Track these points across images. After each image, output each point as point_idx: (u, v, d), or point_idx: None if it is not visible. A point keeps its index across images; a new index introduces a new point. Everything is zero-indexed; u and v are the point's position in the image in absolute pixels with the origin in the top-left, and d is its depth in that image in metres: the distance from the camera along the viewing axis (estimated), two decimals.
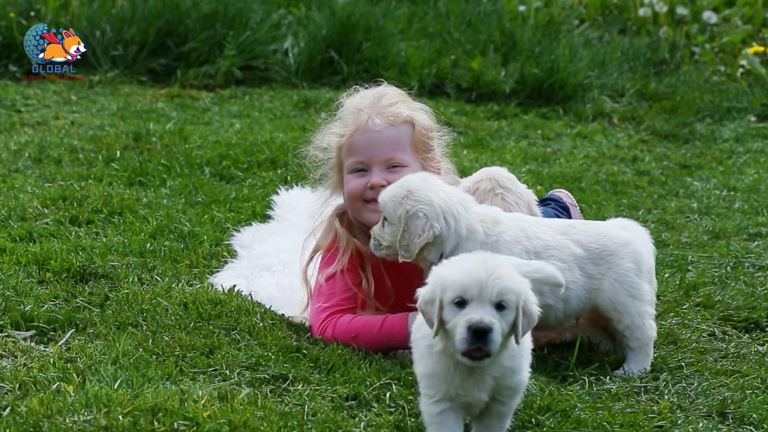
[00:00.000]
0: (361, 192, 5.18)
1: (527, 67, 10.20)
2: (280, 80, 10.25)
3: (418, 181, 4.90)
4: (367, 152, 5.20)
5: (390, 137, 5.21)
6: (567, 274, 4.81)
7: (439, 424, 3.99)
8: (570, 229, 4.94)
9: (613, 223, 5.06)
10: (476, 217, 4.86)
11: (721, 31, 11.65)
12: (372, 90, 5.38)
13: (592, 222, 5.08)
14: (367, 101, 5.29)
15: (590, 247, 4.90)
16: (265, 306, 5.25)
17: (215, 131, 8.43)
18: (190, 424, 4.04)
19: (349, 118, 5.26)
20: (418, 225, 4.80)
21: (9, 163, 7.35)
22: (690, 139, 9.35)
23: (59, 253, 5.61)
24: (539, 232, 4.89)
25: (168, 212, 6.44)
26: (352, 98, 5.36)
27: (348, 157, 5.22)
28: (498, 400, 4.01)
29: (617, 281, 4.87)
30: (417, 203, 4.83)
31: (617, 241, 4.92)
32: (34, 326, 4.85)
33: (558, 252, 4.86)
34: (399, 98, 5.34)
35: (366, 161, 5.20)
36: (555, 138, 9.19)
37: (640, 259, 4.92)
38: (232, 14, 10.38)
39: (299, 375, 4.56)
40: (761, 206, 7.43)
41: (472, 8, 11.49)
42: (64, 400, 4.12)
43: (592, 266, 4.89)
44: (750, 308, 5.56)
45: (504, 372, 3.97)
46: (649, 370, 4.88)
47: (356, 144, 5.20)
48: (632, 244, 4.93)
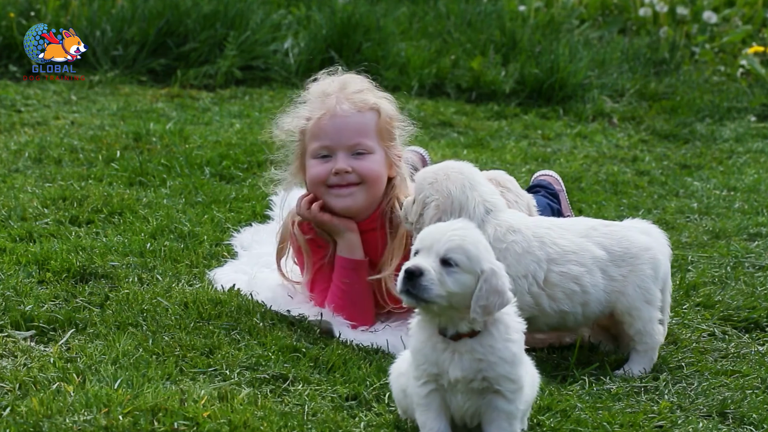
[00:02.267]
0: (325, 177, 5.21)
1: (527, 67, 10.20)
2: (281, 80, 10.25)
3: (455, 171, 4.91)
4: (333, 137, 5.21)
5: (357, 123, 5.24)
6: (587, 278, 4.83)
7: (426, 406, 4.04)
8: (592, 232, 4.93)
9: (633, 225, 5.04)
10: (495, 222, 4.85)
11: (721, 31, 11.65)
12: (338, 77, 5.40)
13: (613, 223, 5.04)
14: (334, 87, 5.31)
15: (612, 250, 4.89)
16: (266, 304, 5.25)
17: (215, 131, 8.43)
18: (190, 424, 4.04)
19: (316, 103, 5.27)
20: (429, 214, 4.83)
21: (9, 163, 7.35)
22: (690, 139, 9.35)
23: (59, 253, 5.61)
24: (557, 238, 4.88)
25: (168, 212, 6.44)
26: (318, 83, 5.38)
27: (313, 141, 5.24)
28: (499, 392, 4.01)
29: (639, 287, 4.87)
30: (437, 193, 4.85)
31: (639, 245, 4.91)
32: (34, 326, 4.85)
33: (577, 256, 4.85)
34: (365, 86, 5.38)
35: (332, 146, 5.22)
36: (555, 138, 9.19)
37: (658, 266, 4.93)
38: (232, 14, 10.38)
39: (299, 375, 4.56)
40: (761, 206, 7.43)
41: (472, 8, 11.49)
42: (64, 400, 4.12)
43: (615, 268, 4.88)
44: (750, 308, 5.56)
45: (486, 352, 3.97)
46: (649, 370, 4.88)
47: (323, 128, 5.22)
48: (652, 250, 4.93)
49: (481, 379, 3.98)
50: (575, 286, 4.83)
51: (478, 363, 3.98)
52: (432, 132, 9.18)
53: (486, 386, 4.00)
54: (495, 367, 3.98)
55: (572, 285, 4.83)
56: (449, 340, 4.00)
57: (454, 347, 4.00)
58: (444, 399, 4.05)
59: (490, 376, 3.98)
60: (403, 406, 4.26)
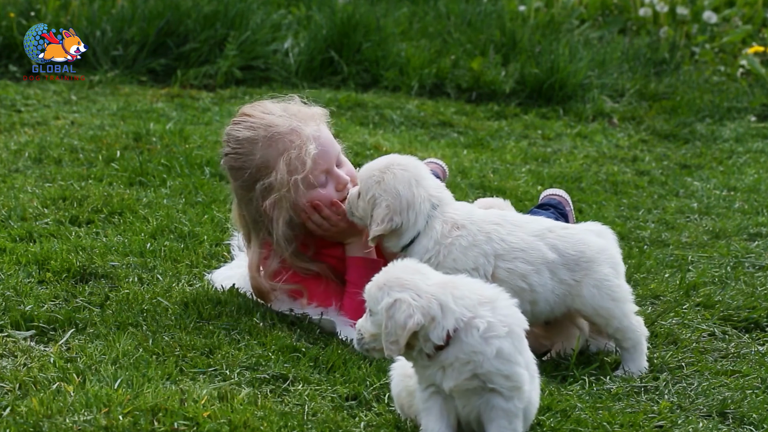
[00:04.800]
0: (336, 196, 5.17)
1: (527, 67, 10.20)
2: (281, 80, 10.25)
3: (400, 168, 4.94)
4: (326, 159, 5.16)
5: (326, 137, 5.22)
6: (535, 277, 4.84)
7: (427, 411, 4.06)
8: (547, 233, 4.93)
9: (589, 228, 5.04)
10: (441, 218, 4.89)
11: (721, 31, 11.65)
12: (266, 104, 5.35)
13: (571, 227, 5.04)
14: (286, 117, 5.22)
15: (567, 254, 4.88)
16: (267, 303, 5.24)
17: (215, 131, 8.43)
18: (190, 424, 4.04)
19: (292, 137, 5.15)
20: (380, 214, 4.84)
21: (9, 163, 7.35)
22: (690, 139, 9.35)
23: (59, 253, 5.61)
24: (506, 234, 4.88)
25: (168, 212, 6.44)
26: (261, 119, 5.27)
27: (311, 172, 5.10)
28: (495, 390, 3.99)
29: (596, 287, 4.87)
30: (386, 193, 4.87)
31: (594, 248, 4.91)
32: (34, 326, 4.85)
33: (526, 254, 4.86)
34: (292, 102, 5.32)
35: (328, 168, 5.18)
36: (555, 138, 9.19)
37: (617, 262, 4.94)
38: (232, 14, 10.38)
39: (299, 375, 4.56)
40: (761, 206, 7.43)
41: (472, 8, 11.49)
42: (64, 400, 4.12)
43: (566, 272, 4.88)
44: (750, 308, 5.56)
45: (469, 353, 3.96)
46: (647, 367, 4.88)
47: (316, 156, 5.12)
48: (609, 250, 4.94)
49: (472, 377, 3.99)
50: (523, 284, 4.83)
51: (465, 366, 3.98)
52: (432, 132, 9.18)
53: (480, 385, 4.00)
54: (483, 365, 3.97)
55: (520, 282, 4.83)
56: (429, 358, 4.02)
57: (437, 363, 4.01)
58: (446, 402, 4.05)
59: (480, 372, 3.97)
60: (403, 406, 4.26)
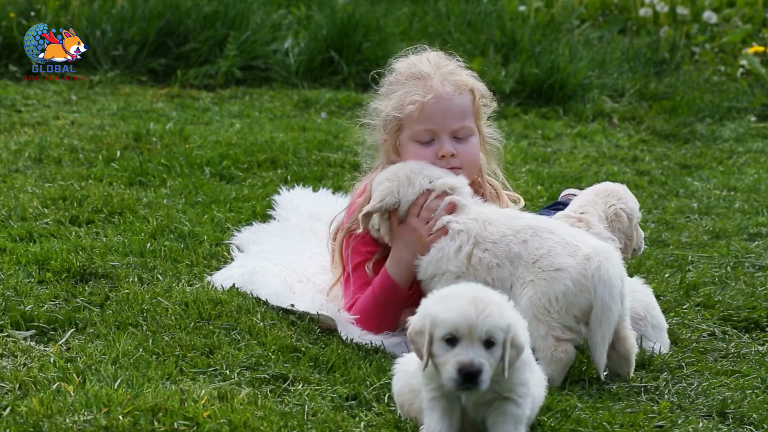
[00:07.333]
0: (430, 160, 5.09)
1: (527, 67, 10.19)
2: (281, 80, 10.25)
3: (413, 172, 5.00)
4: (439, 120, 5.10)
5: (459, 105, 5.16)
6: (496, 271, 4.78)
7: (430, 410, 4.05)
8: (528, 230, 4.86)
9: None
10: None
11: (721, 31, 11.65)
12: (428, 55, 5.27)
13: (556, 231, 4.94)
14: (429, 67, 5.18)
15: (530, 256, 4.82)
16: (267, 303, 5.23)
17: (215, 131, 8.43)
18: (190, 424, 4.04)
19: (418, 84, 5.13)
20: (382, 191, 4.97)
21: (9, 163, 7.35)
22: (690, 139, 9.35)
23: (59, 253, 5.61)
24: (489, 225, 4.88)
25: (168, 212, 6.44)
26: (406, 63, 5.24)
27: (415, 124, 5.09)
28: (508, 398, 4.01)
29: (533, 302, 4.70)
30: (387, 176, 5.01)
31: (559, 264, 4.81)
32: (34, 326, 4.85)
33: (496, 247, 4.80)
34: (456, 65, 5.29)
35: (436, 129, 5.11)
36: (555, 138, 9.19)
37: (571, 290, 4.70)
38: (232, 14, 10.38)
39: (299, 375, 4.56)
40: (761, 206, 7.43)
41: (472, 8, 11.49)
42: (64, 400, 4.12)
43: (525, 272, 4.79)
44: (750, 308, 5.56)
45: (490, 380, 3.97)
46: (557, 376, 4.69)
47: (427, 111, 5.07)
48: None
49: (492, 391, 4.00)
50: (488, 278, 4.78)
51: (485, 392, 3.99)
52: None
53: (495, 396, 4.01)
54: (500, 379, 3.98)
55: (485, 275, 4.79)
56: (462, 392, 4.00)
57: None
58: (449, 402, 4.04)
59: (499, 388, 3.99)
60: (404, 404, 4.26)
